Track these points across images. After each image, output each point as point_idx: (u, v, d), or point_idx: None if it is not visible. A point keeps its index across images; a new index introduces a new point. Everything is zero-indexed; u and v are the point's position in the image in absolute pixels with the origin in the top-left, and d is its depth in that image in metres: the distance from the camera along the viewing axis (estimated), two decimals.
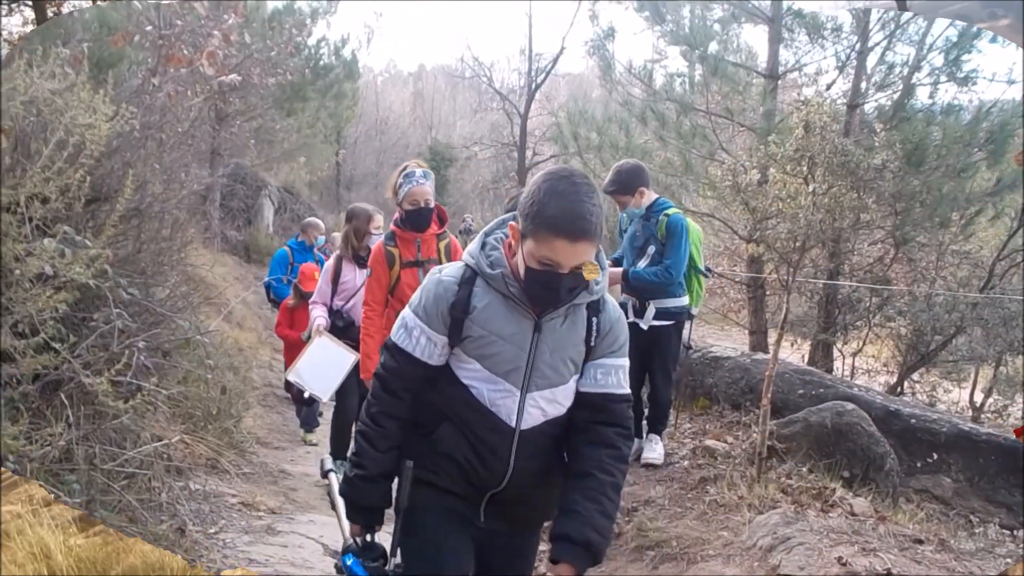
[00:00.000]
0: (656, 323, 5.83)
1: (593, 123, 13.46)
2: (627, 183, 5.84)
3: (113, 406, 3.23)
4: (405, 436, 2.52)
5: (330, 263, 6.31)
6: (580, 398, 2.52)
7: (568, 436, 2.55)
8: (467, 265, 2.47)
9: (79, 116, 3.56)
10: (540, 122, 30.10)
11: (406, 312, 2.51)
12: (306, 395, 5.97)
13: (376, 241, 6.10)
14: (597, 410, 2.50)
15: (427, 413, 2.51)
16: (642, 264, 5.84)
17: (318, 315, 6.05)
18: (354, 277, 6.15)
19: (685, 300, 5.93)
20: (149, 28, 7.54)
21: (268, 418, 8.44)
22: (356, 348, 5.88)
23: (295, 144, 19.15)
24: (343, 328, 6.07)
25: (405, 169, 5.00)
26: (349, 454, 2.54)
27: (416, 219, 4.94)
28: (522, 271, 2.34)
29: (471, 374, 2.44)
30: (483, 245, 2.48)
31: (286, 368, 7.98)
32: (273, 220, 19.72)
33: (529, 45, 29.14)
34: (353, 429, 6.23)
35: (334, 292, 6.16)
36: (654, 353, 5.90)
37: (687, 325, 6.18)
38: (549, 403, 2.46)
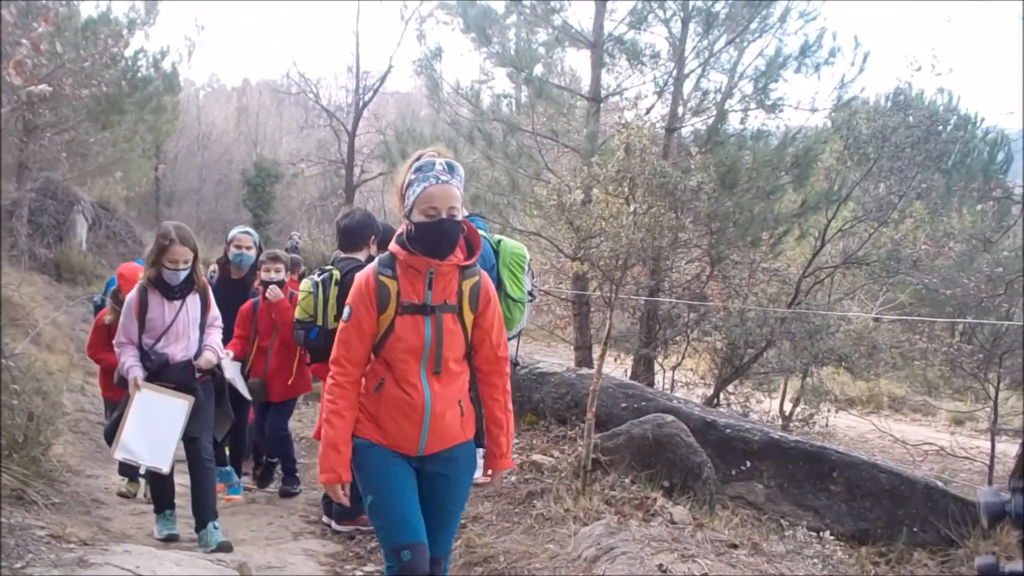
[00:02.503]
0: None
1: (421, 141, 13.43)
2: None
3: None
4: None
5: (133, 294, 5.05)
6: None
7: None
8: None
9: None
10: (368, 140, 29.97)
11: None
12: (141, 471, 5.09)
13: (181, 276, 4.99)
14: None
15: None
16: None
17: (131, 364, 4.92)
18: (162, 312, 4.99)
19: None
20: None
21: (80, 445, 7.98)
22: (179, 390, 5.02)
23: (111, 158, 18.40)
24: (156, 371, 4.95)
25: (419, 160, 3.00)
26: None
27: (431, 237, 2.95)
28: None
29: None
30: None
31: (104, 397, 7.18)
32: (87, 237, 18.75)
33: (357, 63, 28.83)
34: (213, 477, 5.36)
35: (142, 330, 4.98)
36: None
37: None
38: None
